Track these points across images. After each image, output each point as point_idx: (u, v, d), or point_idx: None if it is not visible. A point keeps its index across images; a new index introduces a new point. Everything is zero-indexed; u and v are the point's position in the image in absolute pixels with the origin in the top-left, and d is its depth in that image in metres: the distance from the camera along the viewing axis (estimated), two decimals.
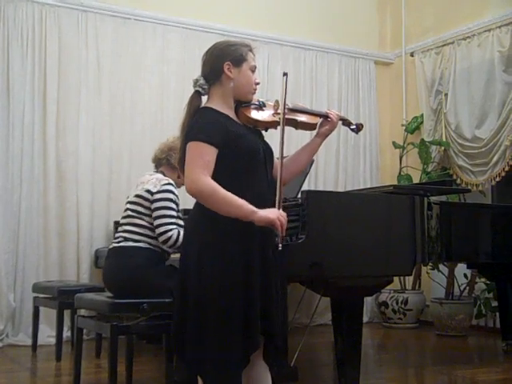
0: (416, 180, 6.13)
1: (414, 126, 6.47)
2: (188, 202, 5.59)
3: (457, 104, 6.04)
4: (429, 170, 6.19)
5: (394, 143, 6.52)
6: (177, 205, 3.57)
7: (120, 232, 3.57)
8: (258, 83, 2.54)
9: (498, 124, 5.64)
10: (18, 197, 5.14)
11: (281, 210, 2.35)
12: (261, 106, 2.56)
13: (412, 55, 6.68)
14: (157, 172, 3.71)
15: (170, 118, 5.77)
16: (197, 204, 2.41)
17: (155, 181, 3.56)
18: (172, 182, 3.59)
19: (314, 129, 2.72)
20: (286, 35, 6.28)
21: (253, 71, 2.51)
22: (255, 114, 2.53)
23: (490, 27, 5.81)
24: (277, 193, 2.39)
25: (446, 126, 6.17)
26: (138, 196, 3.56)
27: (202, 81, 2.48)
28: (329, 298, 3.38)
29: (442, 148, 6.16)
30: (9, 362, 4.47)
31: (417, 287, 6.21)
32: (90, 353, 4.41)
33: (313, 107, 6.11)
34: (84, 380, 3.58)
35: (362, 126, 2.96)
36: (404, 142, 6.50)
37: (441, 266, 5.73)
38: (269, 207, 2.34)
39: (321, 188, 6.24)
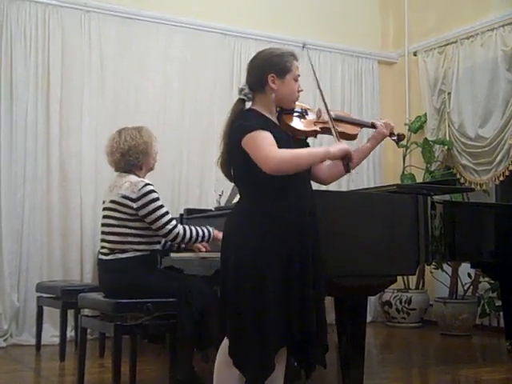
0: (419, 179, 6.12)
1: (417, 126, 6.46)
2: (190, 203, 5.64)
3: (460, 103, 6.03)
4: (432, 169, 6.18)
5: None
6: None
7: (105, 242, 3.46)
8: (300, 90, 2.60)
9: (502, 123, 5.63)
10: (21, 197, 5.15)
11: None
12: (303, 114, 2.62)
13: (415, 55, 6.67)
14: (127, 173, 3.54)
15: (173, 117, 5.78)
16: (240, 201, 2.53)
17: (129, 185, 3.41)
18: (146, 180, 3.46)
19: (354, 139, 2.79)
20: (288, 35, 6.27)
21: (296, 80, 2.57)
22: (295, 123, 2.58)
23: (493, 26, 5.80)
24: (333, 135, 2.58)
25: (449, 125, 6.16)
26: (114, 202, 3.43)
27: (246, 90, 2.54)
28: (332, 298, 3.37)
29: (446, 147, 6.15)
30: (13, 362, 4.48)
31: (420, 287, 6.21)
32: (94, 352, 4.41)
33: (316, 107, 6.13)
34: (88, 380, 3.59)
35: (404, 137, 3.05)
36: (407, 142, 6.49)
37: (444, 266, 5.72)
38: (307, 210, 2.49)
39: (324, 188, 6.22)
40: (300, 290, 2.42)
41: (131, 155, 3.52)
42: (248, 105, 2.56)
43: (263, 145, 2.36)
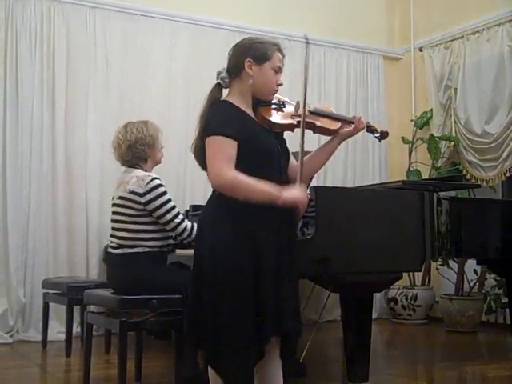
0: (425, 175, 6.11)
1: (423, 122, 6.44)
2: (196, 199, 5.64)
3: (466, 99, 6.01)
4: (438, 165, 6.16)
5: (403, 138, 6.50)
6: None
7: (114, 238, 3.45)
8: (280, 84, 2.49)
9: (508, 119, 5.61)
10: (27, 193, 5.17)
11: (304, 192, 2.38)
12: (280, 107, 2.52)
13: (421, 50, 6.65)
14: (134, 168, 3.55)
15: (178, 114, 5.78)
16: (212, 197, 2.46)
17: (136, 180, 3.40)
18: (153, 175, 3.46)
19: (333, 134, 2.68)
20: (294, 31, 6.26)
21: (276, 71, 2.46)
22: (272, 116, 2.49)
23: (499, 22, 5.78)
24: (298, 174, 2.40)
25: (455, 121, 6.14)
26: (123, 198, 3.42)
27: (224, 74, 2.48)
28: (338, 294, 3.36)
29: (452, 143, 6.13)
30: (19, 358, 4.49)
31: (426, 283, 6.20)
32: (100, 349, 4.42)
33: (321, 103, 6.14)
34: (94, 376, 3.59)
35: (387, 134, 2.96)
36: (413, 138, 6.48)
37: (450, 262, 5.71)
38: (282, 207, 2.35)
39: (329, 184, 6.22)
40: (274, 284, 2.33)
41: (138, 147, 3.52)
42: (225, 93, 2.48)
43: (218, 157, 2.29)
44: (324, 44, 6.47)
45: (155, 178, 3.42)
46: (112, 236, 3.49)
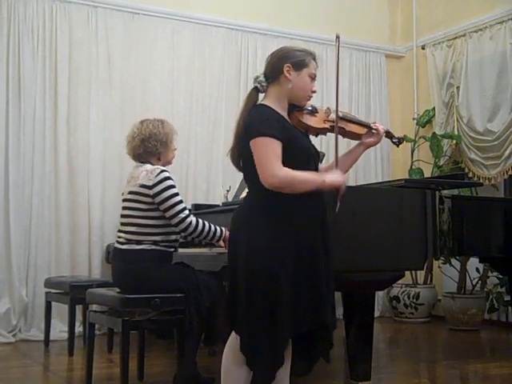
0: (427, 174, 6.11)
1: (425, 120, 6.43)
2: (198, 198, 5.64)
3: (469, 97, 6.00)
4: (440, 163, 6.16)
5: (405, 137, 6.47)
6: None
7: (122, 233, 3.46)
8: (314, 91, 2.62)
9: (511, 117, 5.60)
10: (29, 192, 5.17)
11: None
12: (313, 112, 2.64)
13: (423, 48, 6.64)
14: (144, 163, 3.56)
15: (180, 112, 5.78)
16: (249, 194, 2.55)
17: (146, 174, 3.42)
18: (162, 167, 3.48)
19: (359, 139, 2.84)
20: (295, 29, 6.26)
21: (312, 78, 2.59)
22: (308, 120, 2.61)
23: (501, 19, 5.77)
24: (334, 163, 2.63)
25: (457, 120, 6.14)
26: (133, 193, 3.44)
27: (261, 78, 2.56)
28: (340, 293, 3.37)
29: (454, 141, 6.13)
30: (22, 357, 4.50)
31: (428, 281, 6.19)
32: (102, 347, 4.43)
33: (323, 102, 6.14)
34: (96, 374, 3.60)
35: (404, 140, 3.12)
36: (415, 136, 6.47)
37: (453, 261, 5.70)
38: (319, 209, 2.51)
39: None
40: (312, 282, 2.42)
41: (150, 142, 3.53)
42: (261, 98, 2.57)
43: (269, 157, 2.38)
44: (326, 42, 6.45)
45: (164, 171, 3.44)
46: (120, 231, 3.50)
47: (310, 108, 2.64)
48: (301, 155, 2.49)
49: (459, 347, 4.95)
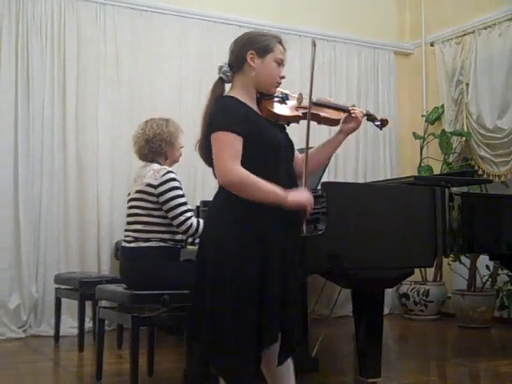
0: (437, 171, 6.09)
1: (434, 117, 6.41)
2: (207, 195, 5.64)
3: (478, 94, 5.98)
4: (450, 160, 6.14)
5: (414, 134, 6.48)
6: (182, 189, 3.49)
7: (129, 231, 3.47)
8: (282, 77, 2.49)
9: None
10: (38, 189, 5.20)
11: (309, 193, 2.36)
12: (284, 99, 2.51)
13: (432, 45, 6.62)
14: (151, 162, 3.58)
15: (189, 110, 5.77)
16: (219, 193, 2.42)
17: (153, 173, 3.44)
18: (169, 168, 3.49)
19: (337, 124, 2.69)
20: (304, 26, 6.25)
21: (279, 64, 2.46)
22: (277, 108, 2.48)
23: (510, 16, 5.74)
24: (303, 181, 2.40)
25: (467, 117, 6.11)
26: (140, 192, 3.45)
27: (226, 67, 2.48)
28: (349, 290, 3.37)
29: (464, 138, 6.10)
30: (32, 353, 4.52)
31: (438, 279, 6.18)
32: (112, 343, 4.44)
33: (332, 99, 6.10)
34: (106, 370, 3.62)
35: (387, 122, 2.94)
36: (424, 133, 6.45)
37: (463, 258, 5.69)
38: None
39: (341, 180, 6.21)
40: (279, 284, 2.31)
41: (155, 142, 3.55)
42: (227, 89, 2.48)
43: (225, 153, 2.27)
44: (334, 39, 6.45)
45: (170, 172, 3.45)
46: (127, 230, 3.51)
47: (280, 95, 2.51)
48: (269, 147, 2.36)
49: (469, 345, 4.94)
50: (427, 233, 3.31)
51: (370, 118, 2.87)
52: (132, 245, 3.41)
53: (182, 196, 3.43)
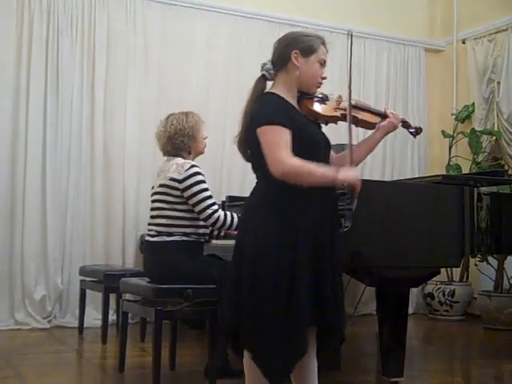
0: (465, 170, 6.01)
1: (464, 115, 6.33)
2: (233, 190, 5.64)
3: (510, 92, 5.89)
4: (479, 160, 6.05)
5: (443, 132, 6.39)
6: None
7: (152, 225, 3.47)
8: (324, 78, 2.52)
9: None
10: (65, 183, 5.25)
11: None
12: (323, 100, 2.56)
13: (464, 42, 6.52)
14: (175, 156, 3.58)
15: (217, 104, 5.78)
16: (256, 185, 2.47)
17: (176, 167, 3.44)
18: (193, 162, 3.49)
19: (374, 128, 2.74)
20: (334, 22, 6.20)
21: (321, 64, 2.50)
22: (317, 107, 2.53)
23: None
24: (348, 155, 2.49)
25: (497, 115, 6.02)
26: (163, 186, 3.45)
27: (269, 65, 2.50)
28: (373, 288, 3.33)
29: (494, 138, 6.01)
30: (56, 343, 4.57)
31: (464, 279, 6.10)
32: (135, 336, 4.47)
33: (360, 97, 6.07)
34: (129, 363, 3.64)
35: (421, 130, 3.01)
36: (454, 132, 6.37)
37: (490, 258, 5.60)
38: (329, 197, 2.43)
39: (367, 177, 6.16)
40: (316, 277, 2.33)
41: (177, 139, 3.55)
42: (269, 86, 2.50)
43: (277, 145, 2.30)
44: (364, 35, 6.39)
45: (194, 166, 3.45)
46: (150, 224, 3.51)
47: (320, 95, 2.56)
48: (309, 144, 2.40)
49: (494, 346, 4.87)
50: (454, 232, 3.27)
51: (405, 124, 2.94)
52: (155, 239, 3.42)
53: (207, 189, 3.43)
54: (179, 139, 3.56)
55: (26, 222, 5.09)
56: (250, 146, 2.45)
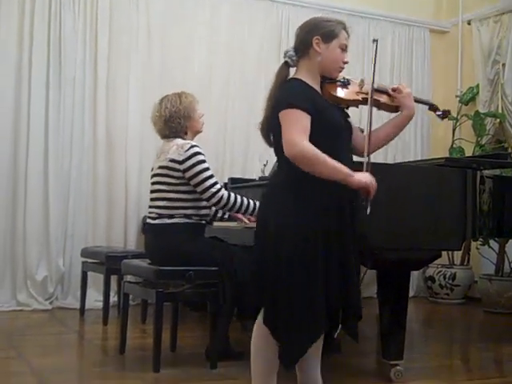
0: (469, 153, 5.98)
1: (468, 97, 6.28)
2: (235, 172, 5.61)
3: None
4: (483, 142, 6.02)
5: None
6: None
7: (153, 208, 3.46)
8: (346, 62, 2.56)
9: None
10: (68, 164, 5.24)
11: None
12: (345, 84, 2.60)
13: (469, 23, 6.46)
14: (174, 138, 3.54)
15: (219, 87, 5.76)
16: (278, 168, 2.53)
17: (176, 148, 3.41)
18: (193, 142, 3.46)
19: (397, 111, 2.73)
20: (337, 2, 6.15)
21: (343, 49, 2.53)
22: (339, 92, 2.57)
23: None
24: (365, 160, 2.49)
25: (502, 98, 5.98)
26: (163, 167, 3.43)
27: (291, 52, 2.54)
28: (374, 271, 3.33)
29: (498, 120, 5.98)
30: (58, 324, 4.58)
31: (465, 263, 6.10)
32: (136, 318, 4.48)
33: (365, 77, 6.01)
34: (129, 344, 3.64)
35: (449, 113, 3.04)
36: (458, 114, 6.32)
37: (491, 242, 5.60)
38: (345, 188, 2.42)
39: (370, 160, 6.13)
40: (341, 260, 2.41)
41: (173, 121, 3.52)
42: (292, 72, 2.54)
43: (294, 127, 2.34)
44: (368, 16, 6.34)
45: (194, 146, 3.42)
46: (151, 207, 3.50)
47: (342, 80, 2.59)
48: (331, 128, 2.44)
49: (494, 330, 4.88)
50: (456, 215, 3.26)
51: (432, 107, 2.99)
52: (156, 221, 3.41)
53: (209, 169, 3.41)
54: (176, 121, 3.52)
55: (28, 203, 5.08)
56: (273, 131, 2.49)
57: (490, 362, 3.97)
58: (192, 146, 3.41)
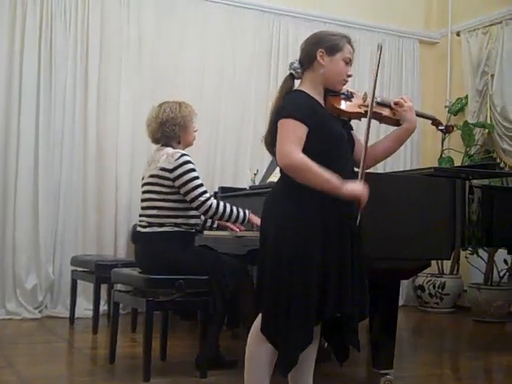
0: (458, 163, 6.02)
1: (457, 108, 6.33)
2: (226, 181, 5.62)
3: (503, 85, 5.88)
4: (472, 152, 6.06)
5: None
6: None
7: (143, 217, 3.47)
8: (349, 75, 2.59)
9: None
10: (58, 171, 5.23)
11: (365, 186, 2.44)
12: (348, 97, 2.63)
13: (458, 35, 6.52)
14: (164, 146, 3.56)
15: (210, 94, 5.76)
16: (279, 179, 2.53)
17: (166, 157, 3.42)
18: (183, 151, 3.47)
19: (398, 125, 2.75)
20: (328, 13, 6.19)
21: (347, 63, 2.56)
22: (341, 104, 2.60)
23: None
24: (359, 170, 2.49)
25: (490, 108, 6.03)
26: (154, 176, 3.44)
27: (296, 64, 2.57)
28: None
29: (486, 131, 6.02)
30: (47, 333, 4.56)
31: (455, 272, 6.12)
32: (126, 327, 4.47)
33: (354, 87, 6.04)
34: (119, 353, 3.64)
35: (453, 128, 3.05)
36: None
37: (480, 251, 5.63)
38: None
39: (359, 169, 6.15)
40: (338, 265, 2.41)
41: (168, 127, 3.53)
42: (297, 84, 2.58)
43: (288, 138, 2.38)
44: (358, 27, 6.37)
45: (184, 155, 3.44)
46: (142, 215, 3.50)
47: (345, 93, 2.63)
48: (331, 139, 2.47)
49: (483, 339, 4.90)
50: (445, 225, 3.28)
51: (435, 122, 3.00)
52: (147, 230, 3.41)
53: (198, 178, 3.42)
54: (170, 127, 3.54)
55: (18, 211, 5.07)
56: (275, 140, 2.50)
57: (479, 370, 3.99)
58: (182, 155, 3.42)
